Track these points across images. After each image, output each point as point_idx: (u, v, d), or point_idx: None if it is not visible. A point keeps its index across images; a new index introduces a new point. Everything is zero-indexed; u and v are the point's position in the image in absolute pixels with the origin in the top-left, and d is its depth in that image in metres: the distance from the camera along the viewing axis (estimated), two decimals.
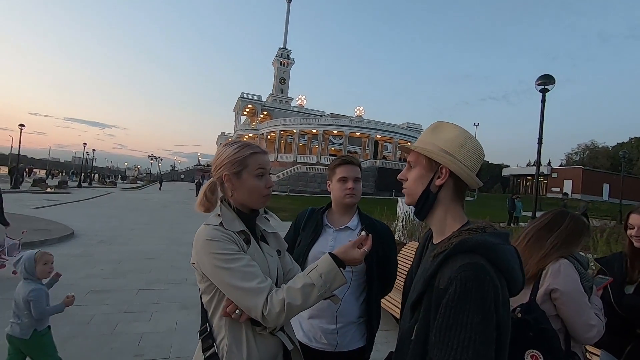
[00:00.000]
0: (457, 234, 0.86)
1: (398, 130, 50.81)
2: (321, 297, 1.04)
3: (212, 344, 1.08)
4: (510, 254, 0.83)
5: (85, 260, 6.17)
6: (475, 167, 0.90)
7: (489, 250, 0.79)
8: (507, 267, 0.80)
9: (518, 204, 16.97)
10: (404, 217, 8.03)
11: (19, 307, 2.30)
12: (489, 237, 0.82)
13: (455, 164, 0.88)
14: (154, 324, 3.76)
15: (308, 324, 1.61)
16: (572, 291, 1.37)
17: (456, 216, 0.92)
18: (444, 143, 0.91)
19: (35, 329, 2.33)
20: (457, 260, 0.79)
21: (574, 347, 1.41)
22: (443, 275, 0.80)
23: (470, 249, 0.80)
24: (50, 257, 2.50)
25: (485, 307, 0.72)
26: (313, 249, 1.63)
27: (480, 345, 0.70)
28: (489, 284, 0.74)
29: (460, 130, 0.92)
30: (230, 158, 1.15)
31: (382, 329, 3.95)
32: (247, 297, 1.01)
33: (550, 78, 8.17)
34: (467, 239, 0.82)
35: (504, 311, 0.76)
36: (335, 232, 1.66)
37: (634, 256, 1.79)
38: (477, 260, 0.77)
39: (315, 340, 1.58)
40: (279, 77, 75.34)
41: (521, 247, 1.56)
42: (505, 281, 0.80)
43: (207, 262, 1.05)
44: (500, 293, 0.76)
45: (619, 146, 64.65)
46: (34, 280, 2.38)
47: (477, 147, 0.91)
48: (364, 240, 1.12)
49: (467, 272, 0.75)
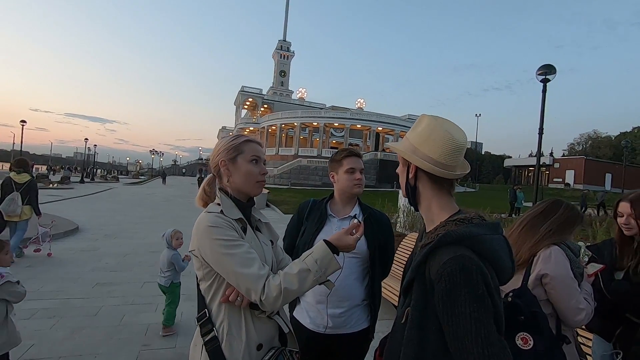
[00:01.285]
0: (444, 224, 0.89)
1: (399, 122, 50.54)
2: (316, 282, 1.09)
3: (211, 328, 1.13)
4: (497, 243, 0.85)
5: (90, 254, 6.26)
6: (447, 157, 0.90)
7: (474, 241, 0.82)
8: (494, 257, 0.83)
9: (519, 194, 16.97)
10: (405, 208, 8.08)
11: (163, 266, 3.53)
12: (474, 228, 0.84)
13: (416, 159, 0.92)
14: (160, 315, 3.83)
15: (315, 310, 1.68)
16: (561, 276, 1.42)
17: (443, 205, 0.94)
18: (413, 137, 0.96)
19: (172, 281, 3.53)
20: (444, 253, 0.82)
21: (565, 330, 1.46)
22: (431, 266, 0.84)
23: (455, 240, 0.83)
24: (180, 234, 3.64)
25: (477, 294, 0.76)
26: (318, 237, 1.71)
27: (481, 330, 0.74)
28: (476, 272, 0.77)
29: (430, 121, 0.94)
30: (226, 145, 1.23)
31: (382, 317, 4.04)
32: (247, 282, 1.05)
33: (552, 68, 8.13)
34: (452, 231, 0.85)
35: (496, 296, 0.80)
36: (339, 221, 1.74)
37: (623, 243, 1.84)
38: (463, 252, 0.80)
39: (322, 326, 1.66)
40: (279, 69, 74.83)
41: (516, 234, 1.61)
42: (493, 270, 0.83)
43: (208, 248, 1.09)
44: (491, 279, 0.79)
45: (621, 135, 64.24)
46: (171, 248, 3.56)
47: (444, 136, 0.90)
48: (356, 227, 1.18)
49: (453, 265, 0.78)
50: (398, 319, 0.94)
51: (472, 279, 0.76)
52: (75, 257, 6.00)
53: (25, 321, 3.42)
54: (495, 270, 0.83)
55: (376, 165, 38.18)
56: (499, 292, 0.84)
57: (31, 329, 3.28)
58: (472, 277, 0.77)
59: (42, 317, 3.55)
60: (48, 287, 4.43)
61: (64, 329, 3.34)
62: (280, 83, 74.10)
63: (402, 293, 0.95)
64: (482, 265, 0.79)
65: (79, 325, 3.43)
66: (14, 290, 2.25)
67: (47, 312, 3.69)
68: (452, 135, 0.91)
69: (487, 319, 0.75)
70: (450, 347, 0.78)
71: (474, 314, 0.74)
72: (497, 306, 0.79)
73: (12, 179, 5.41)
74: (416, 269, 0.88)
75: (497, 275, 0.84)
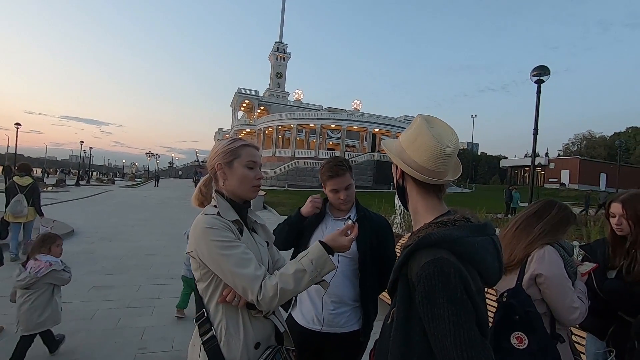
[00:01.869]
0: (426, 226, 0.89)
1: (396, 123, 50.71)
2: (312, 282, 1.11)
3: (209, 327, 1.14)
4: (480, 245, 0.84)
5: (86, 257, 6.23)
6: (430, 162, 0.89)
7: (453, 243, 0.82)
8: (475, 258, 0.83)
9: (515, 194, 17.08)
10: (402, 209, 8.11)
11: (187, 260, 3.70)
12: (455, 231, 0.84)
13: (400, 162, 0.93)
14: (156, 318, 3.83)
15: (307, 307, 1.70)
16: (555, 276, 1.43)
17: (428, 207, 0.94)
18: (403, 138, 0.97)
19: None
20: (422, 256, 0.82)
21: (559, 329, 1.48)
22: (412, 268, 0.84)
23: (433, 243, 0.82)
24: None
25: (456, 297, 0.75)
26: (313, 236, 1.74)
27: (460, 332, 0.74)
28: (455, 276, 0.77)
29: (420, 123, 0.93)
30: (223, 149, 1.24)
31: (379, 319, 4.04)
32: (244, 282, 1.06)
33: (545, 69, 8.22)
34: (431, 233, 0.84)
35: (478, 298, 0.79)
36: (334, 220, 1.77)
37: (615, 243, 1.86)
38: (441, 255, 0.80)
39: (312, 322, 1.68)
40: (276, 71, 74.89)
41: (510, 234, 1.62)
42: (476, 272, 0.82)
43: (205, 249, 1.10)
44: (472, 282, 0.79)
45: (615, 135, 64.91)
46: None
47: (428, 142, 0.89)
48: (350, 228, 1.20)
49: (431, 268, 0.78)
50: (385, 319, 0.94)
51: (450, 282, 0.76)
52: (70, 260, 5.93)
53: None
54: (479, 272, 0.83)
55: (373, 167, 38.26)
56: (482, 294, 0.83)
57: None
58: (450, 280, 0.76)
59: None
60: None
61: (59, 332, 3.31)
62: (276, 85, 74.19)
63: (389, 293, 0.96)
64: (462, 268, 0.79)
65: (74, 329, 3.40)
66: (59, 277, 2.86)
67: None
68: (438, 140, 0.89)
69: (467, 321, 0.75)
70: (434, 349, 0.78)
71: (452, 317, 0.74)
72: (479, 309, 0.79)
73: (15, 183, 5.70)
74: (398, 270, 0.88)
75: (482, 276, 0.84)
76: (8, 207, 5.52)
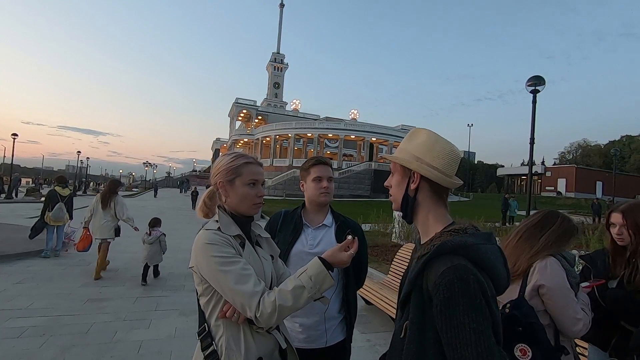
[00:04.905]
0: (439, 235, 0.90)
1: (392, 132, 50.98)
2: (311, 299, 1.10)
3: (210, 342, 1.13)
4: (491, 252, 0.86)
5: (82, 268, 6.16)
6: (448, 167, 0.94)
7: (469, 250, 0.83)
8: (489, 265, 0.83)
9: (513, 203, 17.12)
10: (400, 219, 8.11)
11: None
12: (469, 238, 0.85)
13: (423, 167, 0.93)
14: (153, 331, 3.77)
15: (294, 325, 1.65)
16: (558, 287, 1.43)
17: (439, 217, 0.95)
18: (414, 148, 0.97)
19: None
20: (440, 263, 0.82)
21: (563, 341, 1.47)
22: (428, 277, 0.83)
23: (451, 250, 0.83)
24: None
25: (475, 303, 0.76)
26: (294, 247, 1.69)
27: (481, 340, 0.73)
28: (474, 282, 0.77)
29: (430, 133, 0.98)
30: (225, 166, 1.24)
31: (379, 330, 4.01)
32: (242, 298, 1.06)
33: (540, 79, 8.34)
34: (447, 240, 0.85)
35: (494, 305, 0.79)
36: (313, 230, 1.74)
37: (615, 253, 1.86)
38: (459, 262, 0.80)
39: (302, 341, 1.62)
40: (273, 81, 75.42)
41: (512, 244, 1.62)
42: (489, 279, 0.83)
43: (205, 265, 1.10)
44: (487, 288, 0.79)
45: (610, 144, 65.56)
46: None
47: (446, 147, 0.94)
48: (350, 243, 1.19)
49: (450, 275, 0.78)
50: (396, 333, 0.92)
51: (469, 288, 0.76)
52: (66, 272, 5.89)
53: (14, 340, 3.33)
54: (492, 279, 0.83)
55: (370, 176, 38.32)
56: (496, 301, 0.83)
57: (20, 348, 3.19)
58: (469, 286, 0.76)
59: (31, 336, 3.46)
60: (38, 303, 4.33)
61: (54, 347, 3.26)
62: (274, 95, 74.63)
63: (399, 306, 0.94)
64: (479, 275, 0.79)
65: (69, 344, 3.34)
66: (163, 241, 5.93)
67: (36, 330, 3.59)
68: (452, 147, 0.95)
69: (486, 329, 0.75)
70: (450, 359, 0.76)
71: (472, 324, 0.74)
72: (495, 316, 0.79)
73: (57, 192, 7.00)
74: (413, 281, 0.87)
75: (494, 283, 0.84)
76: (52, 213, 6.76)
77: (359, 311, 1.89)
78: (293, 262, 1.65)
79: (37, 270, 5.89)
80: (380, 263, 7.01)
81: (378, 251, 8.02)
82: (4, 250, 6.69)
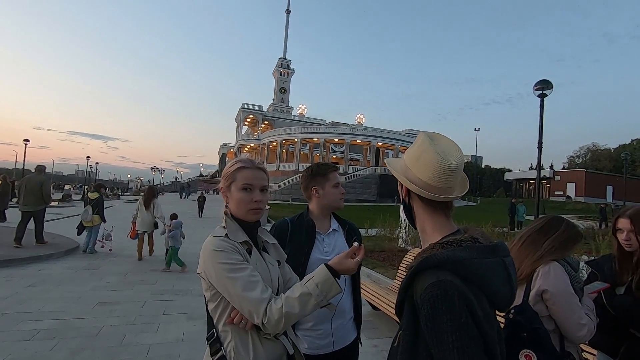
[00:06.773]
0: (431, 246, 0.87)
1: (399, 137, 50.95)
2: (318, 306, 1.10)
3: (219, 347, 1.14)
4: (487, 267, 0.81)
5: (91, 272, 6.23)
6: (435, 178, 0.88)
7: (458, 265, 0.78)
8: (482, 282, 0.79)
9: (520, 207, 16.94)
10: (407, 223, 8.07)
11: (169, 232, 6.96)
12: (460, 252, 0.80)
13: (405, 180, 0.92)
14: (161, 335, 3.81)
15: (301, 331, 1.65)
16: (561, 292, 1.43)
17: (436, 226, 0.92)
18: (407, 156, 0.96)
19: None
20: (427, 277, 0.79)
21: (569, 347, 1.46)
22: (415, 290, 0.82)
23: (437, 264, 0.79)
24: None
25: (460, 322, 0.72)
26: (312, 256, 1.69)
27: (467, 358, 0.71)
28: (459, 300, 0.74)
29: (423, 140, 0.93)
30: (224, 172, 1.28)
31: (386, 335, 4.00)
32: (249, 305, 1.07)
33: (548, 83, 8.30)
34: (435, 254, 0.81)
35: (486, 324, 0.75)
36: (325, 236, 1.75)
37: (622, 258, 1.84)
38: (445, 277, 0.76)
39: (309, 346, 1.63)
40: (280, 86, 76.00)
41: (516, 249, 1.62)
42: (483, 296, 0.79)
43: (213, 272, 1.12)
44: (477, 306, 0.75)
45: (620, 148, 64.54)
46: None
47: (433, 158, 0.88)
48: (356, 250, 1.19)
49: (434, 291, 0.75)
50: (392, 341, 0.92)
51: (453, 306, 0.73)
52: (75, 276, 5.97)
53: (26, 342, 3.39)
54: (487, 296, 0.80)
55: (377, 180, 38.27)
56: (491, 319, 0.79)
57: (31, 350, 3.25)
58: (453, 304, 0.73)
59: (42, 338, 3.52)
60: (49, 307, 4.41)
61: (64, 350, 3.31)
62: (280, 100, 75.13)
63: (397, 314, 0.92)
64: (466, 291, 0.75)
65: (79, 346, 3.39)
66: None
67: (47, 332, 3.66)
68: (442, 157, 0.88)
69: (472, 347, 0.72)
70: None
71: (456, 342, 0.71)
72: (487, 335, 0.75)
73: (87, 197, 8.40)
74: (404, 292, 0.86)
75: (491, 299, 0.81)
76: (81, 215, 8.03)
77: (365, 317, 1.92)
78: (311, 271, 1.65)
79: (48, 273, 5.98)
80: (387, 268, 6.98)
81: (384, 256, 7.99)
82: (15, 253, 6.81)
